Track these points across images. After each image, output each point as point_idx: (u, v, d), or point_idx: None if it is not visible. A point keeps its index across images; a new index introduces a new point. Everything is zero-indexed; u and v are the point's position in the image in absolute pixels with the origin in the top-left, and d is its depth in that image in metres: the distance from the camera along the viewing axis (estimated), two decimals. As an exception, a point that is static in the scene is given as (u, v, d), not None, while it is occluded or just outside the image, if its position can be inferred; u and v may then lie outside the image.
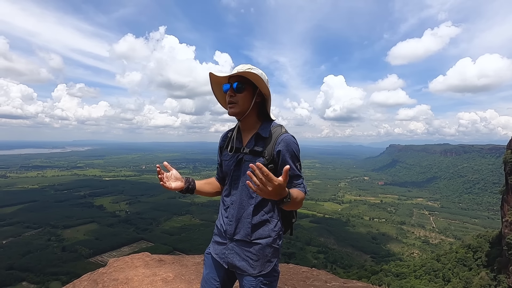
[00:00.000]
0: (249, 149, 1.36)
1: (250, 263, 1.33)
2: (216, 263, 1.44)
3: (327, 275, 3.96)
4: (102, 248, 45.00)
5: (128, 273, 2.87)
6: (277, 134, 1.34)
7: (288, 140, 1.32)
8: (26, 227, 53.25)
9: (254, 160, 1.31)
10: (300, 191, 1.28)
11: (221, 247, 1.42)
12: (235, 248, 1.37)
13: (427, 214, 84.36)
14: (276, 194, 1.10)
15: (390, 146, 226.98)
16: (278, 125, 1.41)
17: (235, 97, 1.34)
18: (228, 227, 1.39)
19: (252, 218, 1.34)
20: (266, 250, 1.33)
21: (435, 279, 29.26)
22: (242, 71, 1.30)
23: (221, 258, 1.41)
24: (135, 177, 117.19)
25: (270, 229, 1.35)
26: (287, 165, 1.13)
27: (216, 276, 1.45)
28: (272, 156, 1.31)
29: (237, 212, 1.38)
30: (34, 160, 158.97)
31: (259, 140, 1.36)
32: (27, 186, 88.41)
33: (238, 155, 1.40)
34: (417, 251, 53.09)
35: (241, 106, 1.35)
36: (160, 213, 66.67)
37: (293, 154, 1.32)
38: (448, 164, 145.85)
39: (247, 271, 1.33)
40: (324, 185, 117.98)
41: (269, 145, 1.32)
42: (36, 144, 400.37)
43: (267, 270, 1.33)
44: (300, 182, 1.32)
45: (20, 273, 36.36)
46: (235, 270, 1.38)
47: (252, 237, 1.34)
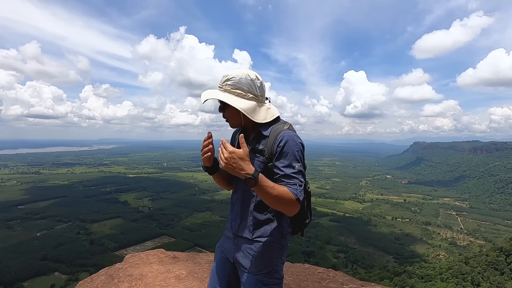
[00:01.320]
0: (251, 147, 1.35)
1: (251, 261, 1.33)
2: (224, 256, 1.48)
3: (344, 277, 3.84)
4: (127, 242, 46.75)
5: (142, 269, 2.93)
6: (278, 132, 1.30)
7: (287, 138, 1.25)
8: (57, 221, 56.36)
9: (255, 158, 1.31)
10: (287, 190, 1.16)
11: (229, 242, 1.46)
12: (238, 244, 1.39)
13: (454, 215, 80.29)
14: (235, 167, 1.11)
15: (415, 144, 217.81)
16: (282, 123, 1.37)
17: (225, 113, 1.37)
18: (234, 223, 1.43)
19: (253, 216, 1.34)
20: (267, 249, 1.32)
21: (463, 282, 27.82)
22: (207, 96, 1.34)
23: (227, 252, 1.46)
24: (157, 174, 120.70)
25: (273, 228, 1.33)
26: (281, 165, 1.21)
27: (224, 269, 1.48)
28: (272, 154, 1.27)
29: (240, 209, 1.39)
30: (64, 157, 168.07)
31: (260, 138, 1.35)
32: (58, 182, 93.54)
33: None
34: (444, 253, 50.79)
35: (234, 121, 1.38)
36: (181, 210, 68.22)
37: (289, 152, 1.24)
38: (478, 162, 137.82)
39: (247, 268, 1.34)
40: (345, 184, 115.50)
41: (270, 143, 1.29)
42: (66, 142, 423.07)
43: (267, 270, 1.31)
44: (292, 183, 1.20)
45: (53, 263, 38.56)
46: (237, 265, 1.40)
47: (253, 235, 1.34)
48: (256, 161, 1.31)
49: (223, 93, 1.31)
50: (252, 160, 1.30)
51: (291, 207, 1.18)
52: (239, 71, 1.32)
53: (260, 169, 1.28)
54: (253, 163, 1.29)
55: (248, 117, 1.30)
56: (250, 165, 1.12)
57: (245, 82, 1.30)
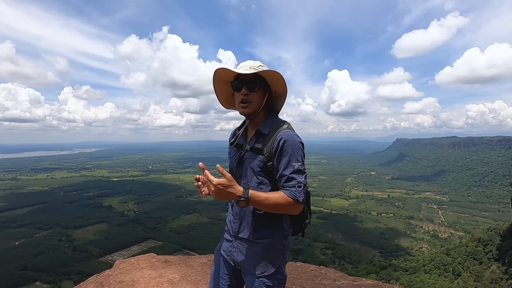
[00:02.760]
0: (250, 146, 1.33)
1: (253, 263, 1.30)
2: (224, 260, 1.44)
3: (335, 273, 3.90)
4: (112, 248, 45.59)
5: (134, 274, 2.85)
6: (277, 131, 1.27)
7: (287, 137, 1.23)
8: (37, 228, 54.16)
9: (254, 158, 1.30)
10: (284, 194, 1.18)
11: (228, 244, 1.42)
12: (239, 247, 1.35)
13: (435, 208, 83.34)
14: (225, 196, 1.12)
15: (397, 140, 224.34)
16: (281, 121, 1.35)
17: (249, 96, 1.30)
18: (233, 225, 1.39)
19: (254, 217, 1.31)
20: (269, 251, 1.30)
21: (445, 273, 28.90)
22: (262, 70, 1.27)
23: (228, 255, 1.42)
24: (142, 177, 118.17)
25: (274, 230, 1.32)
26: (280, 164, 1.20)
27: (224, 273, 1.45)
28: (271, 154, 1.25)
29: (240, 210, 1.36)
30: (43, 162, 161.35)
31: (259, 136, 1.33)
32: (37, 188, 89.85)
33: (241, 152, 1.38)
34: (426, 246, 52.54)
35: (254, 106, 1.32)
36: (168, 212, 67.19)
37: (289, 153, 1.21)
38: (456, 157, 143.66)
39: (249, 271, 1.31)
40: (331, 181, 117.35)
41: (269, 142, 1.26)
42: (45, 146, 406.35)
43: (269, 272, 1.29)
44: (291, 185, 1.19)
45: (33, 273, 37.01)
46: (240, 268, 1.38)
47: (254, 237, 1.31)
48: (255, 160, 1.29)
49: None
50: (251, 160, 1.30)
51: (292, 209, 1.20)
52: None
53: (260, 169, 1.28)
54: (252, 163, 1.30)
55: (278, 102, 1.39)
56: (237, 188, 1.13)
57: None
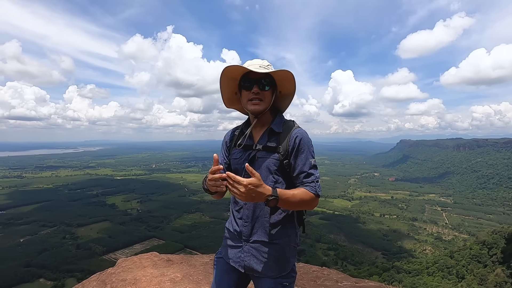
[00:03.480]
0: (262, 145, 1.32)
1: (269, 265, 1.28)
2: (229, 267, 1.38)
3: (338, 274, 3.88)
4: (115, 246, 45.84)
5: (136, 273, 2.86)
6: (291, 129, 1.31)
7: (302, 135, 1.28)
8: (42, 226, 54.66)
9: (268, 156, 1.29)
10: (306, 190, 1.21)
11: (236, 250, 1.35)
12: (251, 250, 1.30)
13: (439, 210, 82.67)
14: (255, 197, 1.08)
15: (401, 142, 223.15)
16: (289, 120, 1.39)
17: (261, 94, 1.30)
18: (244, 229, 1.33)
19: (270, 218, 1.30)
20: (285, 250, 1.30)
21: (448, 276, 28.67)
22: (275, 70, 1.29)
23: (236, 262, 1.34)
24: (145, 176, 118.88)
25: (288, 228, 1.32)
26: (298, 161, 1.24)
27: (229, 281, 1.39)
28: (287, 152, 1.27)
29: (252, 212, 1.32)
30: (48, 160, 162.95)
31: (272, 135, 1.33)
32: (42, 186, 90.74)
33: (250, 153, 1.34)
34: (430, 248, 52.15)
35: (266, 104, 1.32)
36: (170, 211, 67.40)
37: (306, 150, 1.27)
38: (461, 159, 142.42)
39: (265, 274, 1.28)
40: (334, 182, 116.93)
41: (284, 141, 1.28)
42: (49, 145, 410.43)
43: (286, 271, 1.29)
44: (310, 181, 1.25)
45: (37, 270, 37.35)
46: (252, 273, 1.32)
47: (270, 238, 1.29)
48: (270, 159, 1.29)
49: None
50: (265, 159, 1.29)
51: (314, 203, 1.25)
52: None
53: (276, 167, 1.28)
54: (266, 162, 1.29)
55: (285, 102, 1.41)
56: (266, 187, 1.10)
57: None
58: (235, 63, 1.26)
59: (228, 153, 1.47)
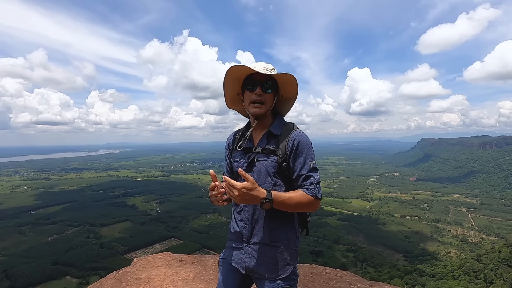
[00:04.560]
0: (261, 148, 1.33)
1: (268, 267, 1.29)
2: (232, 268, 1.40)
3: (352, 277, 3.82)
4: (136, 245, 47.15)
5: (150, 272, 2.96)
6: (290, 132, 1.31)
7: (301, 137, 1.27)
8: (68, 225, 57.12)
9: (266, 159, 1.30)
10: (303, 193, 1.21)
11: (237, 252, 1.38)
12: (252, 252, 1.32)
13: (464, 211, 79.00)
14: (249, 199, 1.12)
15: (422, 140, 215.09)
16: (289, 122, 1.39)
17: (263, 96, 1.31)
18: (244, 230, 1.35)
19: (269, 220, 1.31)
20: (285, 253, 1.30)
21: (475, 280, 27.33)
22: (279, 73, 1.30)
23: (237, 263, 1.37)
24: (164, 177, 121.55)
25: (288, 231, 1.32)
26: (297, 164, 1.23)
27: (232, 282, 1.41)
28: (286, 154, 1.27)
29: (252, 214, 1.34)
30: (72, 163, 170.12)
31: (271, 138, 1.34)
32: (67, 187, 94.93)
33: (250, 155, 1.36)
34: (455, 250, 50.00)
35: (267, 107, 1.33)
36: (188, 212, 68.57)
37: (305, 152, 1.26)
38: (487, 157, 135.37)
39: (265, 275, 1.29)
40: (352, 182, 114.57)
41: (282, 143, 1.29)
42: (74, 148, 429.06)
43: (286, 274, 1.29)
44: (309, 183, 1.23)
45: (64, 268, 39.07)
46: (252, 274, 1.34)
47: (270, 240, 1.30)
48: (269, 162, 1.29)
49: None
50: (264, 161, 1.30)
51: (313, 206, 1.24)
52: None
53: (274, 170, 1.28)
54: (265, 165, 1.30)
55: (286, 106, 1.42)
56: (260, 190, 1.13)
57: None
58: (243, 64, 1.30)
59: (230, 155, 1.51)
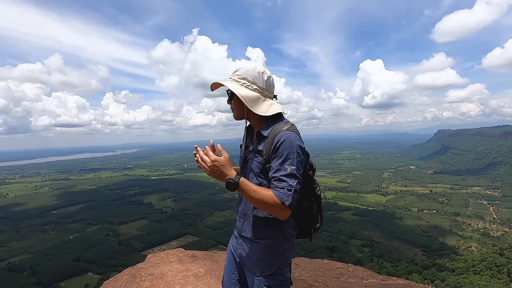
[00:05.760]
0: (253, 147, 1.37)
1: (252, 262, 1.34)
2: (233, 255, 1.50)
3: (364, 272, 3.79)
4: (153, 242, 48.22)
5: (163, 268, 3.04)
6: (276, 132, 1.25)
7: (284, 138, 1.21)
8: (88, 224, 59.11)
9: (254, 159, 1.33)
10: (272, 194, 1.16)
11: (235, 241, 1.49)
12: (242, 244, 1.41)
13: (485, 204, 76.22)
14: (219, 175, 1.18)
15: (439, 132, 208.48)
16: (283, 123, 1.33)
17: (231, 104, 1.41)
18: (238, 223, 1.46)
19: (254, 216, 1.34)
20: (268, 252, 1.30)
21: (498, 275, 26.43)
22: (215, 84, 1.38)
23: (234, 251, 1.48)
24: (178, 175, 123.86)
25: (274, 231, 1.31)
26: (273, 165, 1.21)
27: (233, 267, 1.51)
28: (269, 155, 1.25)
29: (243, 208, 1.42)
30: (90, 163, 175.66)
31: (261, 139, 1.36)
32: (86, 187, 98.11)
33: (246, 153, 1.42)
34: (476, 245, 48.44)
35: (237, 112, 1.40)
36: (203, 209, 69.46)
37: (285, 155, 1.19)
38: (510, 148, 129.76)
39: (250, 269, 1.36)
40: (366, 176, 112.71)
41: (268, 144, 1.27)
42: (91, 149, 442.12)
43: (268, 272, 1.30)
44: (280, 186, 1.16)
45: (85, 264, 40.55)
46: (243, 264, 1.42)
47: (254, 236, 1.33)
48: (254, 161, 1.32)
49: (230, 82, 1.36)
50: (252, 161, 1.34)
51: (278, 211, 1.17)
52: (249, 64, 1.38)
53: (259, 170, 1.29)
54: (252, 164, 1.33)
55: (247, 106, 1.30)
56: (231, 170, 1.18)
57: (251, 74, 1.34)
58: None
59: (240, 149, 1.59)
